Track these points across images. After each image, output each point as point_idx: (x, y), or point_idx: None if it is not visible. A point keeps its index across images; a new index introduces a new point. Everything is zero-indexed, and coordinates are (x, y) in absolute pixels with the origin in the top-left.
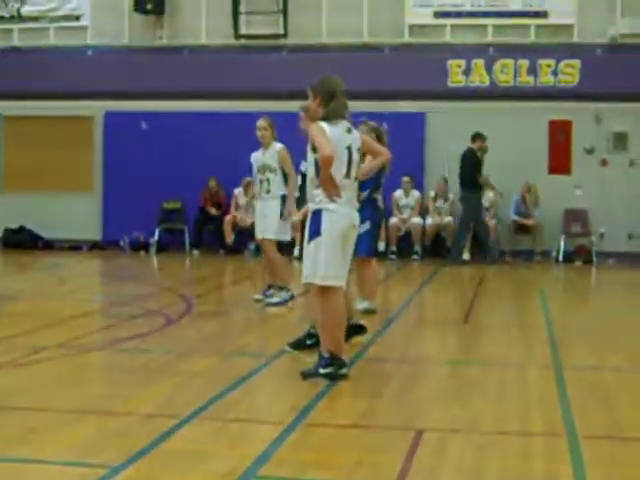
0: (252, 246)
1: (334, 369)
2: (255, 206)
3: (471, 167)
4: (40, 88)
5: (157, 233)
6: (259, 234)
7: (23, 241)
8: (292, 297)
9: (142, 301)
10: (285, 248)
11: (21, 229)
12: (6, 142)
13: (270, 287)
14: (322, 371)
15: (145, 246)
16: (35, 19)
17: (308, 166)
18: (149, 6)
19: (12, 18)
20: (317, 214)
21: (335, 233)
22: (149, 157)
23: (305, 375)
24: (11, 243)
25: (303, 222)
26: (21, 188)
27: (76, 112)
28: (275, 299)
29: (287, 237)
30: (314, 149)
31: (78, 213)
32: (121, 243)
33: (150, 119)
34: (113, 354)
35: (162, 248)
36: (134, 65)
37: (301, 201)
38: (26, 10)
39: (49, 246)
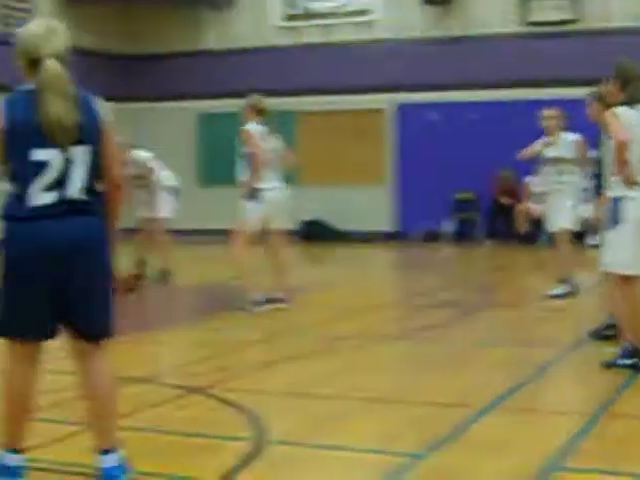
0: (545, 236)
1: (636, 360)
2: (547, 196)
3: None
4: (333, 84)
5: (450, 223)
6: (552, 225)
7: (318, 233)
8: (572, 292)
9: (437, 291)
10: (578, 238)
11: (316, 221)
12: (301, 136)
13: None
14: (623, 362)
15: (438, 236)
16: (325, 15)
17: (605, 153)
18: None
19: (303, 17)
20: (616, 202)
21: (635, 221)
22: (441, 148)
23: (606, 365)
24: (306, 235)
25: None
26: (316, 181)
27: (368, 106)
28: (556, 291)
29: (578, 227)
30: (610, 136)
31: (371, 205)
32: (414, 234)
33: (441, 110)
34: (410, 344)
35: (455, 238)
36: (425, 57)
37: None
38: (316, 7)
39: (343, 238)
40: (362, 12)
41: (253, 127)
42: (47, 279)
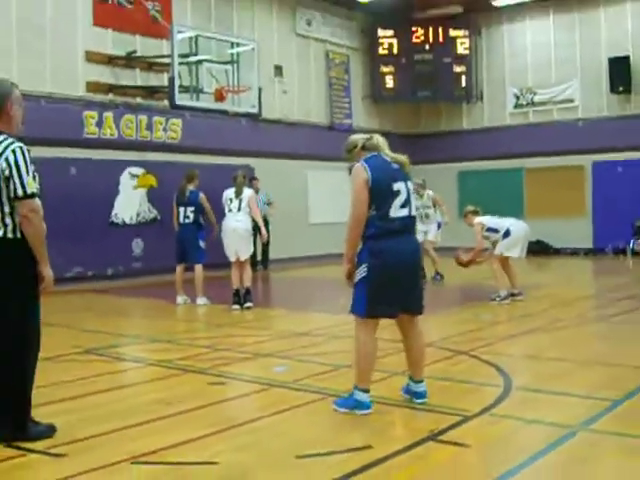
0: None
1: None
2: None
3: None
4: (550, 149)
5: (631, 242)
6: None
7: (539, 250)
8: None
9: (623, 289)
10: None
11: (538, 241)
12: (528, 186)
13: None
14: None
15: (623, 251)
16: (543, 103)
17: None
18: (620, 88)
19: (528, 104)
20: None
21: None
22: (623, 191)
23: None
24: (531, 251)
25: None
26: (538, 215)
27: (571, 163)
28: None
29: None
30: None
31: (575, 230)
32: (606, 250)
33: (623, 165)
34: (605, 326)
35: (637, 253)
36: (610, 129)
37: None
38: (537, 98)
39: (557, 252)
40: (568, 100)
41: None
42: (401, 280)
